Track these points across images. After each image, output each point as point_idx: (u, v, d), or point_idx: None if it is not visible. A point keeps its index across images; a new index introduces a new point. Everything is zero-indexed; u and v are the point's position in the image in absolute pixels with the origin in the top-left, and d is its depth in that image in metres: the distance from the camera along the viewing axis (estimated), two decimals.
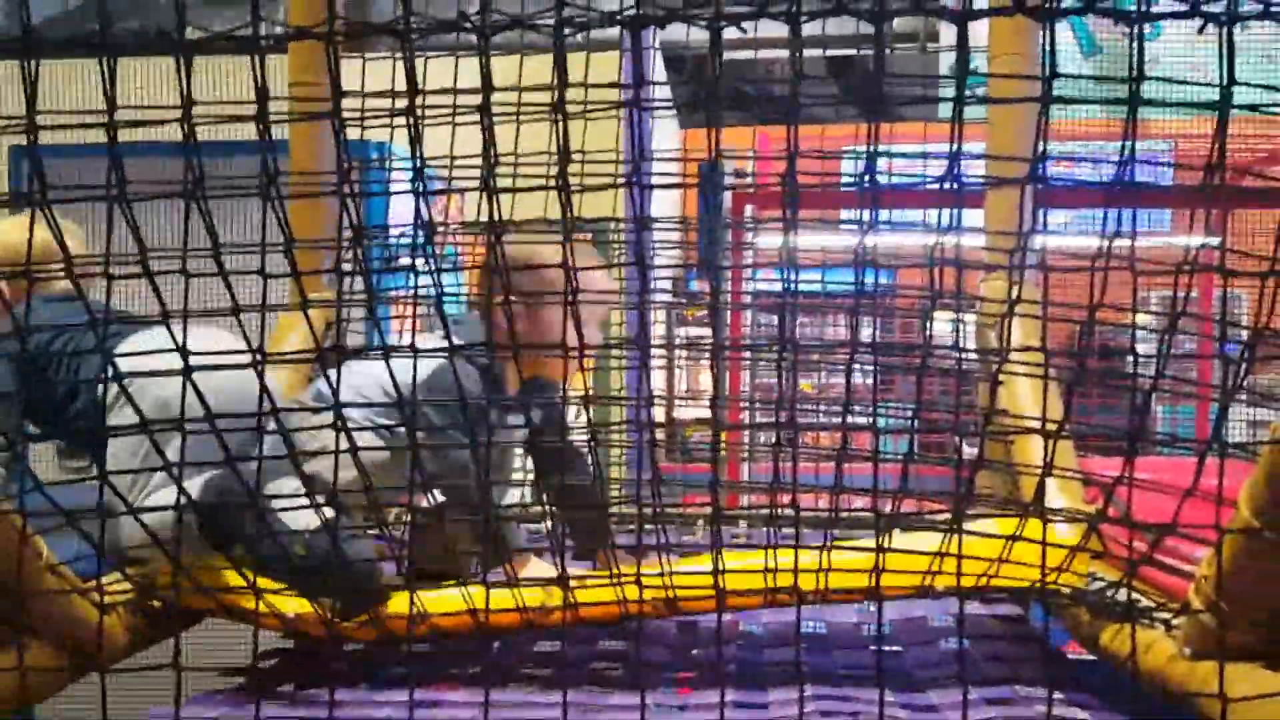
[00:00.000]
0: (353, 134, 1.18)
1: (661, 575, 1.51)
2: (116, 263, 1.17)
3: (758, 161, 4.55)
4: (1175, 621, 1.33)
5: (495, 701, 1.15)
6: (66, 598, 1.35)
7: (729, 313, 4.42)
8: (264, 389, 1.28)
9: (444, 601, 1.60)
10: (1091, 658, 1.61)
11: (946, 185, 1.15)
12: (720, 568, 1.41)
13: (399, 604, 1.61)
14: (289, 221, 1.19)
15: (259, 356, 1.22)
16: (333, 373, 1.92)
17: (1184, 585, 1.32)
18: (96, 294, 1.28)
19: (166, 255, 1.17)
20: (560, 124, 1.06)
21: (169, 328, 1.20)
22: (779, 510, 1.47)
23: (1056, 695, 1.43)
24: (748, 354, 4.51)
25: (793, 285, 1.41)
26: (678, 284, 7.10)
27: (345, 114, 1.13)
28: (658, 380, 6.51)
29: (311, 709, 1.52)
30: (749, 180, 4.61)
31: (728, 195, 4.38)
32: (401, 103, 1.12)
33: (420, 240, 1.30)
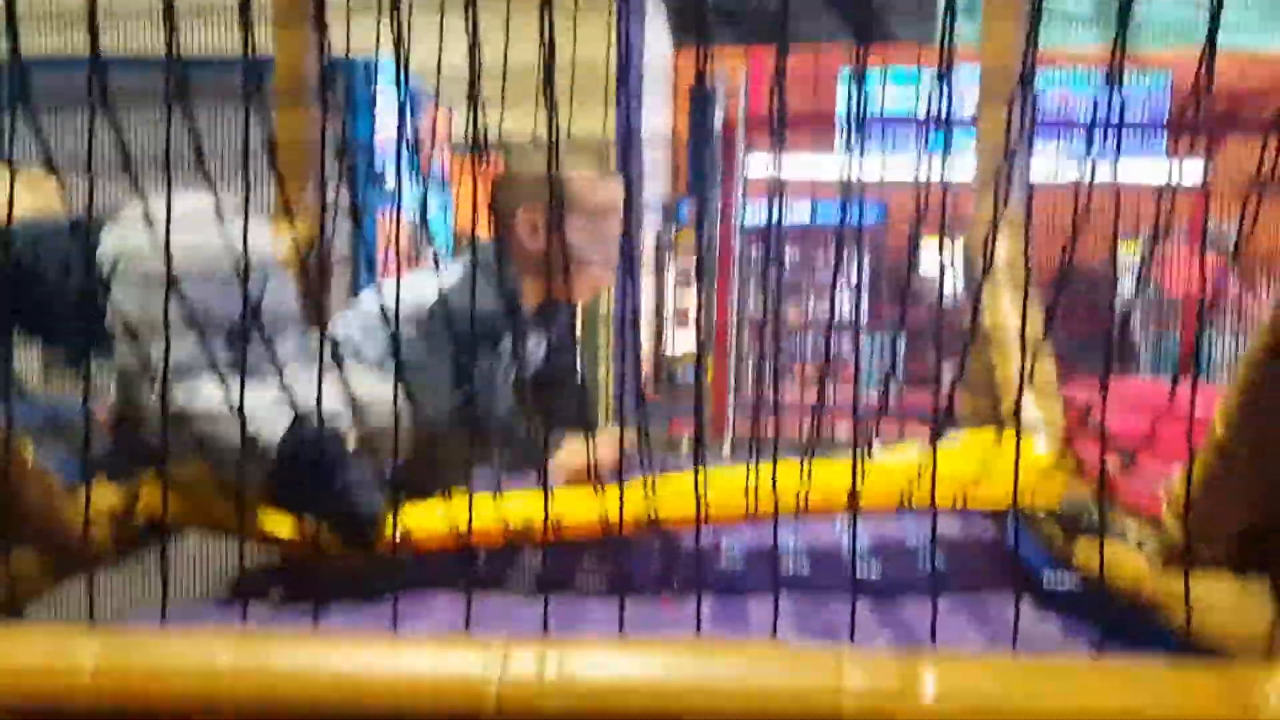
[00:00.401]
0: (340, 51, 1.17)
1: (644, 485, 1.52)
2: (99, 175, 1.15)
3: (750, 82, 4.49)
4: (1147, 537, 1.35)
5: (478, 610, 1.18)
6: (51, 502, 1.37)
7: (718, 238, 4.41)
8: (248, 301, 1.27)
9: (427, 518, 1.62)
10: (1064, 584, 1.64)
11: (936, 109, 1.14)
12: (702, 481, 1.43)
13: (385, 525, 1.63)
14: (274, 133, 1.18)
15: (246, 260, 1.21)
16: (363, 296, 1.93)
17: (1157, 502, 1.34)
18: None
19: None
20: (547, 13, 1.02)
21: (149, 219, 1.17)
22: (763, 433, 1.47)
23: (1027, 607, 1.46)
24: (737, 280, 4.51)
25: (782, 212, 1.41)
26: (668, 210, 7.07)
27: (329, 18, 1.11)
28: (646, 304, 6.51)
29: (297, 616, 1.55)
30: (741, 102, 4.56)
31: (719, 117, 4.33)
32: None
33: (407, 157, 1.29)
